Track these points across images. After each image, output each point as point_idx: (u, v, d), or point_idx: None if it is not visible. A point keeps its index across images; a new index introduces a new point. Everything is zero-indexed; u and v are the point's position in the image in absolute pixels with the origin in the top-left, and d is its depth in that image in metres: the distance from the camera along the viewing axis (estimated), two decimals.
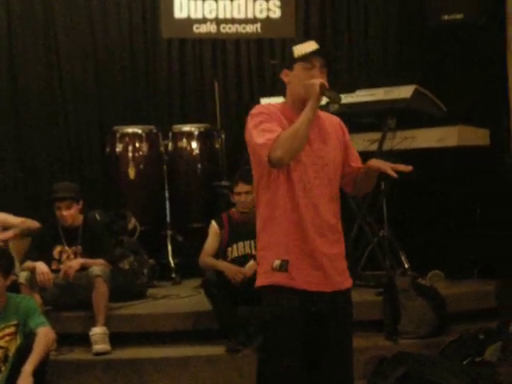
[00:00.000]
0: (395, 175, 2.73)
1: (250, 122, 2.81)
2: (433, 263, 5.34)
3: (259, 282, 2.86)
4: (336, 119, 3.01)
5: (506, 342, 3.96)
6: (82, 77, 6.31)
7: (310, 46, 2.82)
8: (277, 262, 2.79)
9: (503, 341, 4.00)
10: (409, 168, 2.79)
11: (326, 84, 2.75)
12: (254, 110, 2.84)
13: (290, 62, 2.85)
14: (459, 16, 5.61)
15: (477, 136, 5.47)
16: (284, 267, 2.78)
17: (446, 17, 5.65)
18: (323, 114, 2.93)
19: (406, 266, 5.39)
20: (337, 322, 2.82)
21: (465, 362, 4.09)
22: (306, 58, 2.79)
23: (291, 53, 2.85)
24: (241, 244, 4.76)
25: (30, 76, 6.27)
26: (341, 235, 2.92)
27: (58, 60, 6.29)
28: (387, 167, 2.75)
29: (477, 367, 3.96)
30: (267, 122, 2.75)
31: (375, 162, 2.81)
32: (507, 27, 5.92)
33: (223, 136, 6.09)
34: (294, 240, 2.78)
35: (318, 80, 2.73)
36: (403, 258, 5.44)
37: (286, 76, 2.88)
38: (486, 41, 5.93)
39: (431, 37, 6.09)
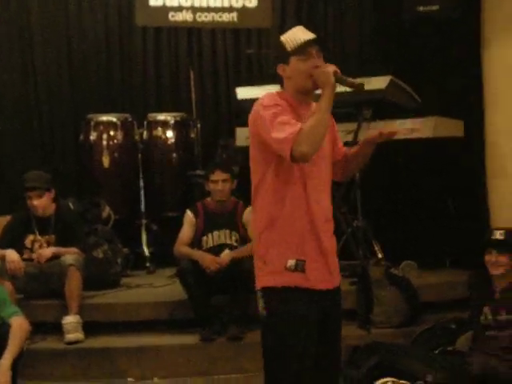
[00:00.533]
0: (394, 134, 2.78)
1: (264, 114, 2.62)
2: (406, 253, 5.39)
3: (266, 283, 2.70)
4: None
5: (477, 331, 4.00)
6: (56, 65, 6.25)
7: (300, 35, 2.70)
8: (291, 262, 2.65)
9: (474, 330, 4.04)
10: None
11: (338, 70, 2.65)
12: (267, 101, 2.66)
13: (284, 56, 2.71)
14: (435, 8, 5.63)
15: (452, 127, 5.51)
16: (300, 267, 2.66)
17: (421, 8, 5.67)
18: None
19: (380, 256, 5.43)
20: (335, 317, 2.80)
21: (436, 352, 4.13)
22: (301, 50, 2.67)
23: (283, 46, 2.71)
24: (216, 233, 4.76)
25: (3, 64, 6.19)
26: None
27: (31, 48, 6.23)
28: (382, 133, 2.74)
29: (448, 356, 4.01)
30: (283, 115, 2.61)
31: (371, 133, 2.78)
32: (482, 19, 5.96)
33: (199, 125, 6.07)
34: (309, 239, 2.68)
35: (331, 68, 2.63)
36: (377, 248, 5.48)
37: (283, 71, 2.74)
38: (461, 33, 5.96)
39: (407, 28, 6.11)
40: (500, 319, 3.88)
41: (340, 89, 5.42)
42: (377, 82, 5.22)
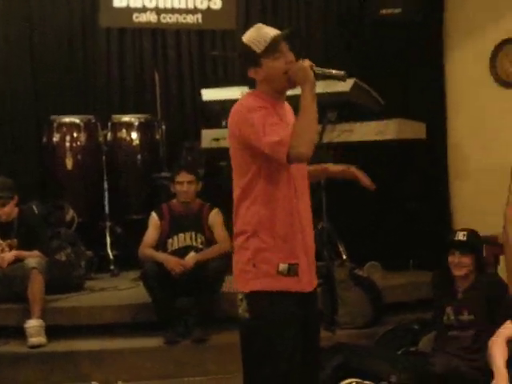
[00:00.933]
0: (373, 187, 2.65)
1: (251, 117, 2.55)
2: (370, 255, 5.42)
3: (254, 287, 2.63)
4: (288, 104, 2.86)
5: (440, 331, 4.04)
6: (18, 65, 6.16)
7: (266, 33, 2.61)
8: (283, 266, 2.61)
9: (437, 331, 4.09)
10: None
11: (314, 64, 2.60)
12: (251, 103, 2.61)
13: (254, 58, 2.63)
14: (397, 11, 5.67)
15: (414, 130, 5.56)
16: (293, 271, 2.63)
17: (384, 11, 5.71)
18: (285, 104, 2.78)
19: (344, 257, 5.45)
20: (315, 316, 2.81)
21: (399, 352, 4.17)
22: (271, 48, 2.60)
23: (250, 49, 2.63)
24: (181, 235, 4.74)
25: None
26: None
27: None
28: (366, 180, 2.66)
29: (411, 357, 4.05)
30: (270, 116, 2.55)
31: (353, 171, 2.74)
32: (445, 23, 6.03)
33: (164, 127, 6.04)
34: (299, 241, 2.66)
35: (307, 62, 2.58)
36: (341, 250, 5.50)
37: (256, 74, 2.66)
38: (423, 36, 6.03)
39: (370, 31, 6.16)
40: (462, 319, 3.93)
41: None
42: (341, 85, 5.23)
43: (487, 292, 3.91)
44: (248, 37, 2.67)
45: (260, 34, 2.63)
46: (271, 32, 2.63)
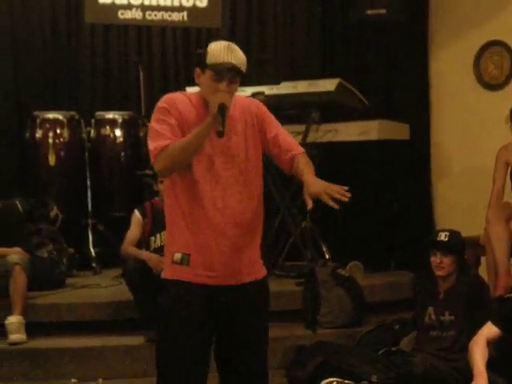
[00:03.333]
0: (336, 206, 2.57)
1: (153, 116, 2.76)
2: (353, 255, 5.44)
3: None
4: (250, 102, 2.90)
5: (421, 331, 4.06)
6: (1, 60, 6.11)
7: (222, 55, 2.67)
8: (177, 256, 2.75)
9: (418, 331, 4.10)
10: (346, 196, 2.59)
11: (227, 104, 2.64)
12: (159, 102, 2.77)
13: (202, 63, 2.71)
14: (382, 11, 5.69)
15: (397, 130, 5.59)
16: (185, 261, 2.75)
17: (369, 11, 5.72)
18: (235, 98, 2.78)
19: (327, 256, 5.46)
20: (244, 314, 2.78)
21: (380, 352, 4.18)
22: (215, 69, 2.67)
23: (205, 54, 2.70)
24: (164, 233, 4.70)
25: None
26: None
27: None
28: (328, 199, 2.58)
29: (392, 357, 4.05)
30: (163, 123, 2.68)
31: (314, 189, 2.63)
32: (429, 24, 6.06)
33: (148, 124, 5.99)
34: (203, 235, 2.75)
35: (220, 98, 2.62)
36: (324, 249, 5.51)
37: (197, 76, 2.76)
38: (408, 36, 6.05)
39: (355, 31, 6.17)
40: (443, 320, 3.95)
41: (289, 90, 5.52)
42: (325, 85, 5.27)
43: (468, 293, 3.93)
44: (213, 46, 2.71)
45: (219, 52, 2.69)
46: (226, 58, 2.67)
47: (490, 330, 3.46)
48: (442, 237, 4.01)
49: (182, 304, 2.71)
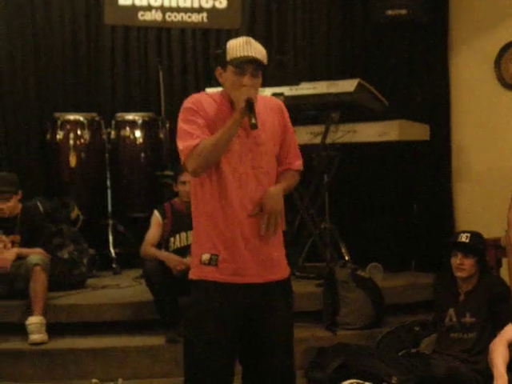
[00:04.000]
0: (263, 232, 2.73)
1: (179, 116, 2.77)
2: (372, 256, 5.42)
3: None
4: (276, 102, 2.93)
5: (442, 333, 4.04)
6: (22, 62, 6.14)
7: (242, 49, 2.70)
8: (206, 256, 2.78)
9: (439, 332, 4.08)
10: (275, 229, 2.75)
11: (254, 98, 2.67)
12: (185, 103, 2.79)
13: (223, 61, 2.75)
14: (403, 12, 5.66)
15: (417, 131, 5.57)
16: (214, 261, 2.77)
17: (389, 12, 5.70)
18: (261, 98, 2.83)
19: (347, 258, 5.45)
20: (263, 311, 2.80)
21: (400, 354, 4.16)
22: (236, 63, 2.70)
23: (225, 52, 2.75)
24: (183, 234, 4.74)
25: None
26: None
27: None
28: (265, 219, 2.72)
29: (412, 358, 4.04)
30: (192, 122, 2.70)
31: (264, 201, 2.72)
32: (450, 24, 6.03)
33: (167, 125, 6.03)
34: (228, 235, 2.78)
35: (246, 93, 2.65)
36: (344, 250, 5.50)
37: (219, 76, 2.80)
38: (429, 37, 6.02)
39: (375, 31, 6.15)
40: (464, 322, 3.93)
41: (308, 91, 5.52)
42: (345, 85, 5.25)
43: (490, 294, 3.91)
44: (232, 42, 2.77)
45: (238, 46, 2.73)
46: (247, 51, 2.71)
47: (510, 331, 3.43)
48: (464, 238, 3.99)
49: (211, 304, 2.73)
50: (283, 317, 2.83)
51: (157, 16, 6.20)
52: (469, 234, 4.00)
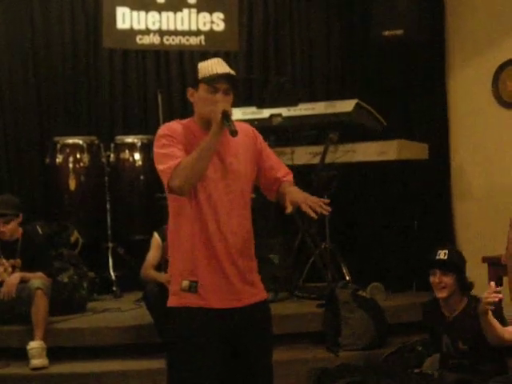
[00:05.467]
0: (314, 216, 2.64)
1: (155, 144, 2.78)
2: (373, 276, 5.41)
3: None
4: (247, 127, 2.94)
5: (442, 359, 3.96)
6: (22, 86, 6.17)
7: (214, 68, 2.75)
8: (185, 283, 2.76)
9: (440, 357, 4.01)
10: (327, 210, 2.65)
11: (229, 110, 2.69)
12: (160, 131, 2.80)
13: (195, 81, 2.79)
14: (399, 32, 5.70)
15: (416, 150, 5.58)
16: (194, 288, 2.76)
17: (386, 32, 5.73)
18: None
19: (347, 278, 5.43)
20: (247, 335, 2.80)
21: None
22: (209, 80, 2.73)
23: (196, 72, 2.79)
24: None
25: None
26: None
27: None
28: (306, 207, 2.65)
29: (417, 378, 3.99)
30: (170, 146, 2.71)
31: (295, 197, 2.72)
32: (447, 44, 6.06)
33: None
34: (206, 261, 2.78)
35: (221, 106, 2.67)
36: (344, 271, 5.49)
37: (191, 96, 2.82)
38: (426, 57, 6.05)
39: (373, 52, 6.18)
40: (458, 348, 3.82)
41: (306, 111, 5.53)
42: (343, 105, 5.28)
43: (478, 323, 3.67)
44: (203, 62, 2.82)
45: (210, 65, 2.77)
46: (219, 69, 2.75)
47: None
48: (442, 255, 3.85)
49: (193, 331, 2.72)
50: (265, 338, 2.85)
51: (155, 39, 6.24)
52: (446, 251, 3.87)
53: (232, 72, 2.78)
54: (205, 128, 2.74)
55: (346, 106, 5.24)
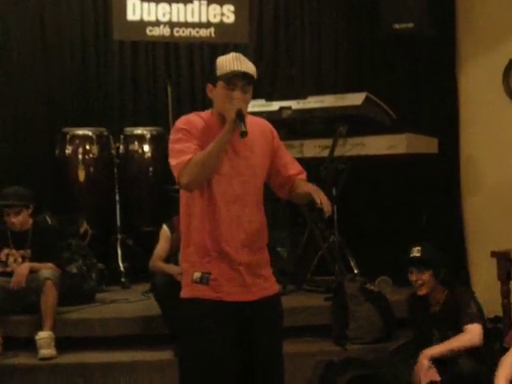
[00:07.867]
0: (327, 213, 2.67)
1: (171, 137, 2.80)
2: (381, 269, 5.40)
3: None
4: (265, 123, 2.96)
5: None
6: (32, 78, 6.19)
7: (231, 64, 2.74)
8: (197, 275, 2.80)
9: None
10: (327, 210, 2.69)
11: (244, 110, 2.70)
12: (177, 123, 2.82)
13: (213, 77, 2.78)
14: (410, 25, 5.68)
15: (425, 144, 5.56)
16: (205, 280, 2.78)
17: (397, 25, 5.71)
18: (251, 119, 2.87)
19: (356, 271, 5.44)
20: (260, 327, 2.82)
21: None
22: (226, 78, 2.73)
23: (215, 68, 2.78)
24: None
25: None
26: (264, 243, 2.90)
27: (8, 61, 6.17)
28: (319, 200, 2.68)
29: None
30: (184, 141, 2.73)
31: (308, 187, 2.77)
32: (458, 38, 6.03)
33: None
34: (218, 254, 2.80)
35: (237, 104, 2.68)
36: (352, 264, 5.49)
37: (210, 92, 2.83)
38: (437, 51, 6.03)
39: (383, 45, 6.16)
40: (450, 336, 3.78)
41: (316, 104, 5.52)
42: (353, 98, 5.27)
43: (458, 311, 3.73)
44: (221, 58, 2.82)
45: (228, 62, 2.77)
46: (236, 66, 2.74)
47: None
48: (415, 252, 3.84)
49: (205, 323, 2.73)
50: (276, 332, 2.87)
51: (165, 31, 6.24)
52: (420, 248, 3.85)
53: (249, 69, 2.76)
54: (223, 123, 2.75)
55: (356, 99, 5.23)
